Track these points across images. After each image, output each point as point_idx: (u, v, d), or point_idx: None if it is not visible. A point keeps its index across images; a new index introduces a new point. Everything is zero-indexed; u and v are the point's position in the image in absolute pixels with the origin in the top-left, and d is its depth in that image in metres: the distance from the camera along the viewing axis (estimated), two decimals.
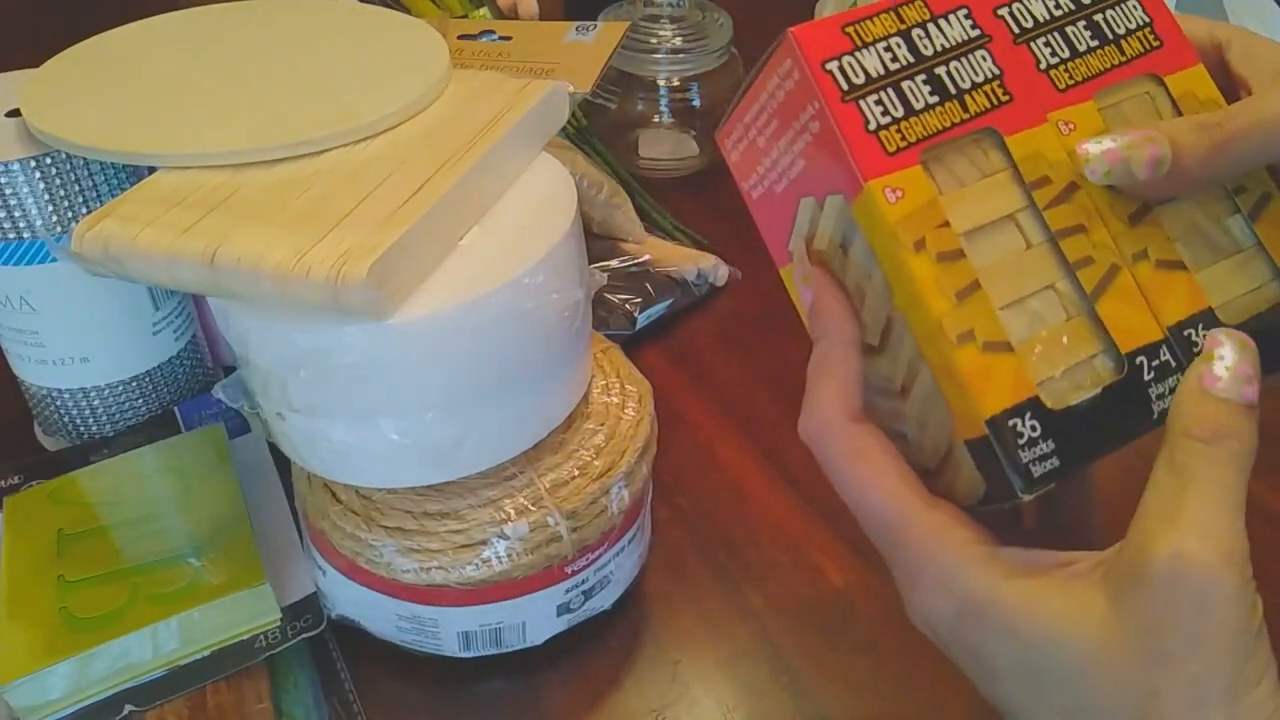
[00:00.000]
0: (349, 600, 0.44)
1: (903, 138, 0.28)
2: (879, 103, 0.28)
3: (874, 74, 0.28)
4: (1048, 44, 0.30)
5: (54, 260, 0.46)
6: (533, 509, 0.40)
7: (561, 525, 0.40)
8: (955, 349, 0.27)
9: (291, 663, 0.44)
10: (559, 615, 0.43)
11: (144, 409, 0.53)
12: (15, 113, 0.46)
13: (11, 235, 0.45)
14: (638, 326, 0.61)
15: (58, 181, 0.45)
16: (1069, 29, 0.31)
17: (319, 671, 0.44)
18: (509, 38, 0.59)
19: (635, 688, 0.45)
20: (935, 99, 0.29)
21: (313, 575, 0.46)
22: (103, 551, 0.45)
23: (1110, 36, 0.31)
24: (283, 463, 0.50)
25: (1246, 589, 0.25)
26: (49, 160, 0.44)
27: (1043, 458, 0.27)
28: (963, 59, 0.29)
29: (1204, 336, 0.29)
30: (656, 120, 0.75)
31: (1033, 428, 0.27)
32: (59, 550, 0.45)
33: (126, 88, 0.45)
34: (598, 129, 0.73)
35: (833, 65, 0.28)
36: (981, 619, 0.27)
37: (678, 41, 0.72)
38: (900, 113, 0.28)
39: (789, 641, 0.46)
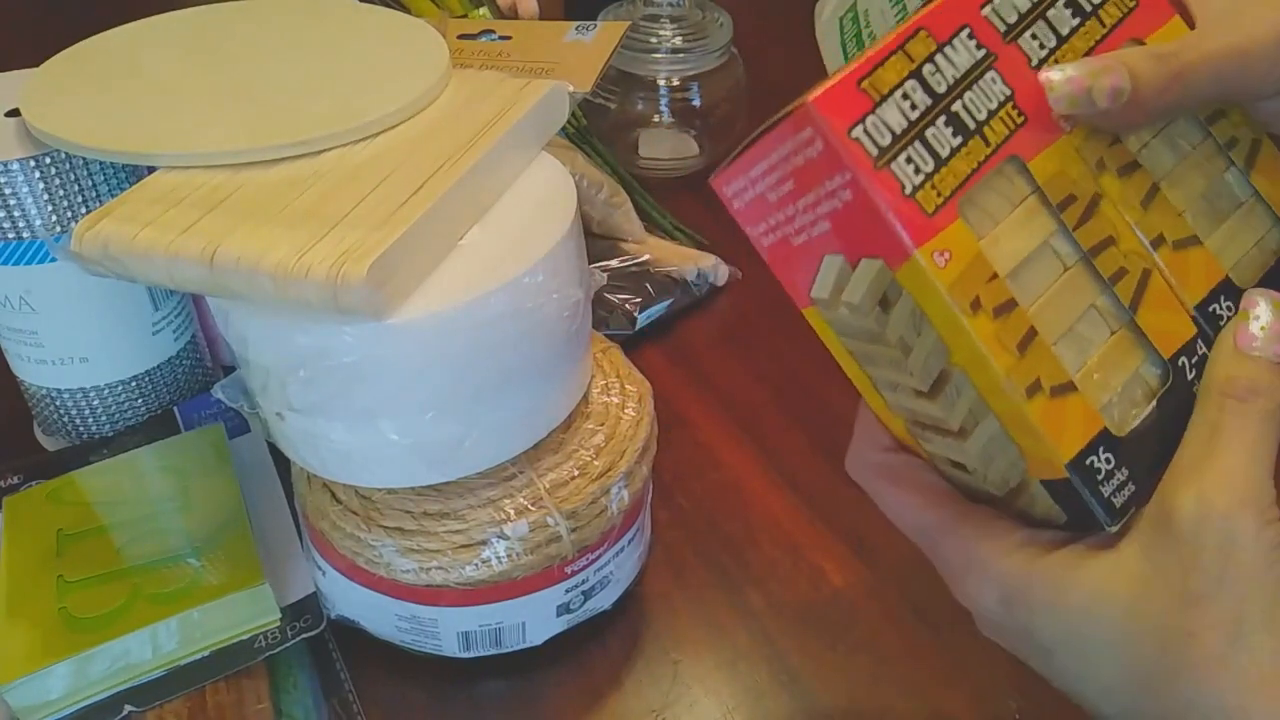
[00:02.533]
0: (348, 600, 0.44)
1: (938, 194, 0.27)
2: (910, 161, 0.27)
3: (898, 130, 0.27)
4: (1034, 36, 0.30)
5: (53, 260, 0.46)
6: (532, 509, 0.40)
7: (561, 525, 0.40)
8: (1026, 402, 0.27)
9: (291, 663, 0.44)
10: (559, 615, 0.43)
11: (143, 409, 0.53)
12: (15, 112, 0.46)
13: (11, 235, 0.45)
14: (638, 326, 0.61)
15: (57, 181, 0.45)
16: (1050, 12, 0.30)
17: (318, 672, 0.44)
18: (509, 37, 0.59)
19: (635, 688, 0.45)
20: (959, 140, 0.28)
21: (312, 575, 0.45)
22: (102, 551, 0.45)
23: (1088, 8, 0.31)
24: (282, 463, 0.50)
25: (1268, 531, 0.26)
26: (48, 160, 0.44)
27: (1121, 486, 0.28)
28: (975, 86, 0.28)
29: (1228, 308, 0.30)
30: (656, 120, 0.75)
31: (1108, 460, 0.28)
32: (58, 550, 0.45)
33: (126, 88, 0.45)
34: (598, 129, 0.73)
35: (858, 131, 0.27)
36: (1026, 598, 0.29)
37: (678, 41, 0.72)
38: (931, 166, 0.27)
39: (789, 642, 0.46)
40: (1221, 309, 0.30)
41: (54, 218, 0.46)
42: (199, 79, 0.46)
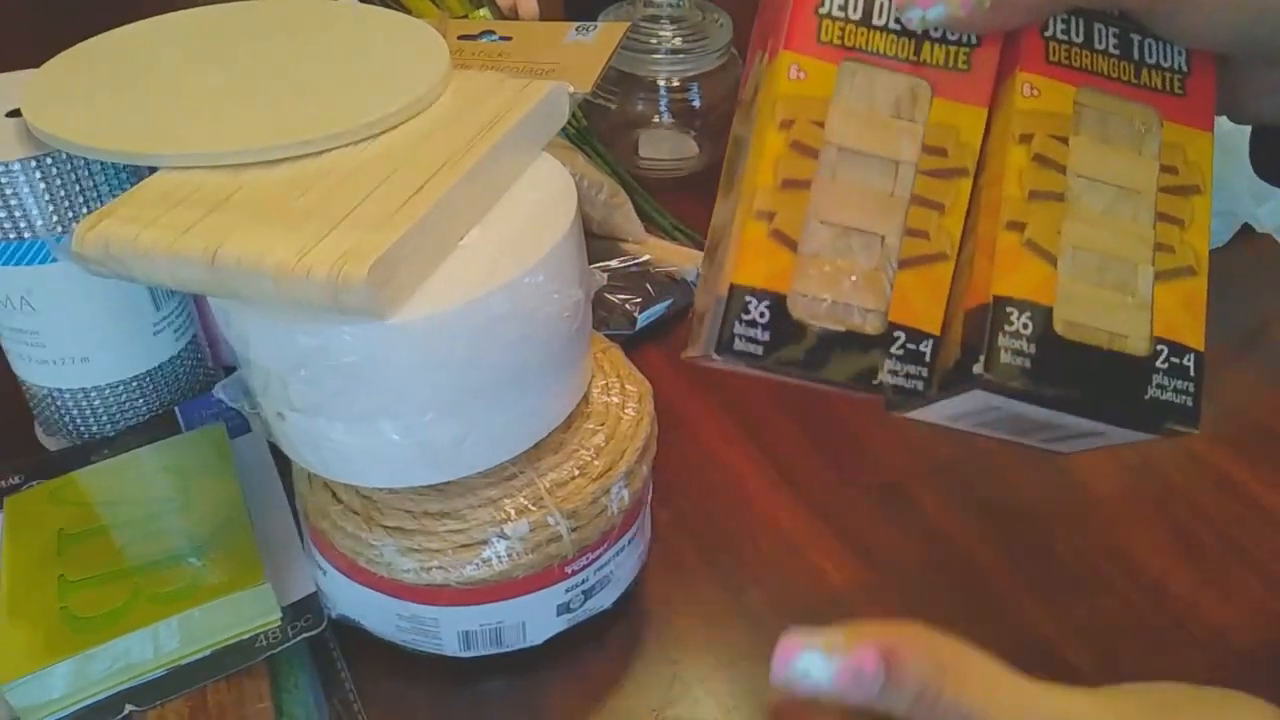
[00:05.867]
0: (349, 600, 0.44)
1: (841, 37, 0.29)
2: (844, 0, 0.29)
3: None
4: (1065, 22, 0.31)
5: (54, 260, 0.46)
6: (533, 509, 0.40)
7: (561, 525, 0.40)
8: (750, 218, 0.29)
9: (292, 662, 0.44)
10: (559, 615, 0.43)
11: (144, 409, 0.53)
12: (15, 113, 0.46)
13: (12, 235, 0.45)
14: (638, 326, 0.61)
15: (58, 182, 0.45)
16: (1096, 24, 0.31)
17: (319, 671, 0.44)
18: (509, 38, 0.59)
19: (635, 688, 0.45)
20: (897, 28, 0.30)
21: (313, 575, 0.46)
22: (103, 551, 0.45)
23: (1135, 58, 0.31)
24: (283, 463, 0.50)
25: None
26: (49, 160, 0.44)
27: (753, 340, 0.29)
28: None
29: (1023, 323, 0.29)
30: (656, 120, 0.75)
31: (761, 314, 0.29)
32: (59, 550, 0.45)
33: (127, 88, 0.45)
34: (598, 129, 0.73)
35: None
36: None
37: (677, 42, 0.72)
38: (856, 16, 0.29)
39: None
40: (1017, 316, 0.29)
41: (55, 218, 0.46)
42: (200, 79, 0.46)
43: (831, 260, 0.29)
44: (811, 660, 0.26)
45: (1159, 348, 0.29)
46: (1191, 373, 0.29)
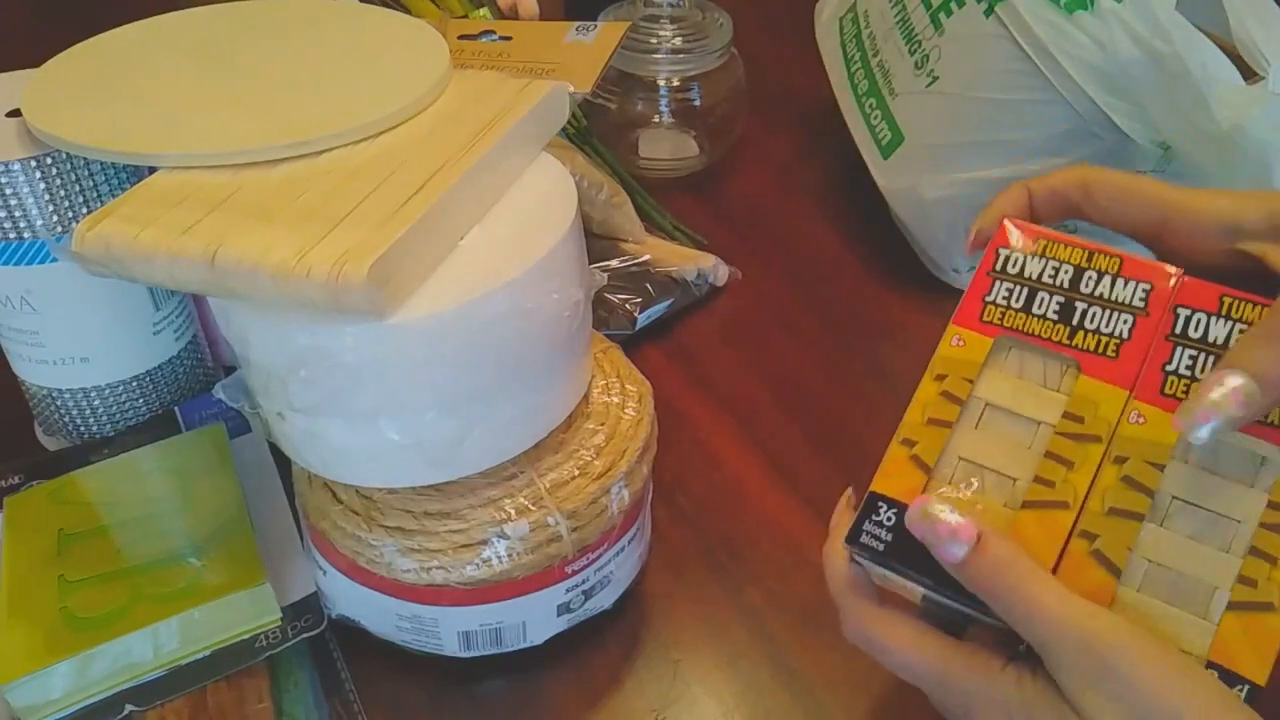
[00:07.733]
0: (349, 600, 0.44)
1: (1001, 318, 0.35)
2: (1010, 292, 0.35)
3: (1029, 275, 0.35)
4: (1194, 359, 0.33)
5: (54, 260, 0.46)
6: (533, 509, 0.40)
7: (562, 525, 0.40)
8: (895, 442, 0.35)
9: (292, 662, 0.44)
10: (559, 615, 0.43)
11: (144, 409, 0.53)
12: (15, 113, 0.46)
13: (12, 235, 0.45)
14: (638, 326, 0.61)
15: (58, 182, 0.45)
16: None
17: (319, 671, 0.44)
18: (509, 38, 0.59)
19: (635, 687, 0.45)
20: (1055, 318, 0.35)
21: (313, 575, 0.46)
22: (103, 551, 0.45)
23: None
24: (283, 462, 0.50)
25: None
26: (49, 160, 0.44)
27: (877, 538, 0.34)
28: (1107, 311, 0.34)
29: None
30: (656, 120, 0.75)
31: (889, 518, 0.34)
32: (59, 550, 0.45)
33: (127, 88, 0.45)
34: (598, 129, 0.73)
35: (1006, 252, 0.36)
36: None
37: (678, 41, 0.72)
38: (1019, 305, 0.35)
39: (789, 641, 0.47)
40: None
41: (55, 218, 0.46)
42: (200, 79, 0.46)
43: (960, 489, 0.34)
44: (939, 510, 0.32)
45: (1209, 669, 0.30)
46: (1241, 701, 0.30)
